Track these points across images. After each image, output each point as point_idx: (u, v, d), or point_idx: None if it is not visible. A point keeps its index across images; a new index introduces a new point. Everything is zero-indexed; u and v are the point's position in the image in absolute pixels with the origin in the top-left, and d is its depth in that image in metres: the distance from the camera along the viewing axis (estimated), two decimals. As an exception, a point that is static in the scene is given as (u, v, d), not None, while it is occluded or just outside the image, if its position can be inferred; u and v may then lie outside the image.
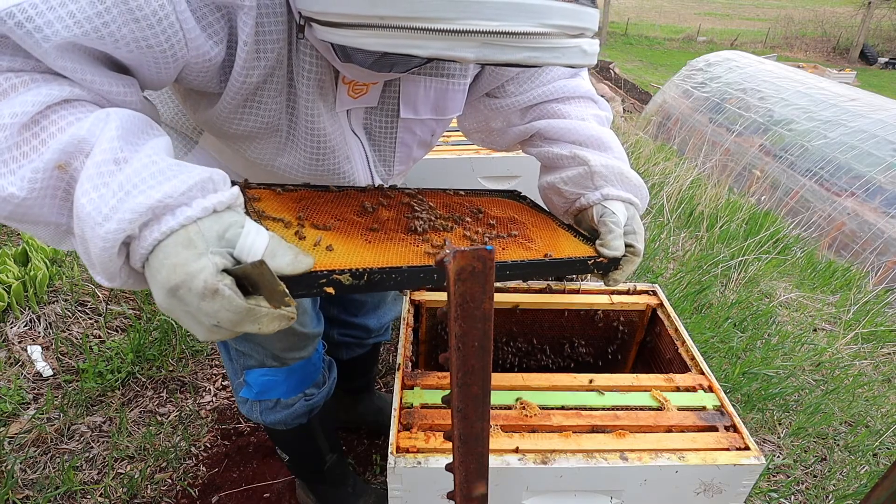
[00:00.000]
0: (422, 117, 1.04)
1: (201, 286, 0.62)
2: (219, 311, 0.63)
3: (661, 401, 1.10)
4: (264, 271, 0.65)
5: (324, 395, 1.46)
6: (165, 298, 0.64)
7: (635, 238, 1.00)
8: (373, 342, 1.71)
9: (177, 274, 0.62)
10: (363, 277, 0.74)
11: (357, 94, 0.96)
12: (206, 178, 0.67)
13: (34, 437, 1.81)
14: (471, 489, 0.77)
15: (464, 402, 0.70)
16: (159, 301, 0.65)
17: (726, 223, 4.05)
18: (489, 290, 0.63)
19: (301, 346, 1.34)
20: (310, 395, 1.43)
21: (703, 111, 9.41)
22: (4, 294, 2.12)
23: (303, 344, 1.34)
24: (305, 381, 1.41)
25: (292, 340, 1.31)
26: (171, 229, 0.63)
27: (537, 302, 1.40)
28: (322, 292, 0.73)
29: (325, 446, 1.59)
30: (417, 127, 1.06)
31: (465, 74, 1.02)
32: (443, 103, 1.03)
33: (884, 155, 6.68)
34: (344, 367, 1.77)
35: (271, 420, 1.41)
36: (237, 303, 0.64)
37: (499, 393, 1.10)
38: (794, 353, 2.68)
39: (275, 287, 0.66)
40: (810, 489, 1.98)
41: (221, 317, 0.64)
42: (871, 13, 24.47)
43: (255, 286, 0.66)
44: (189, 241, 0.63)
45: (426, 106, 1.02)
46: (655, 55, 24.49)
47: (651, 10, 35.61)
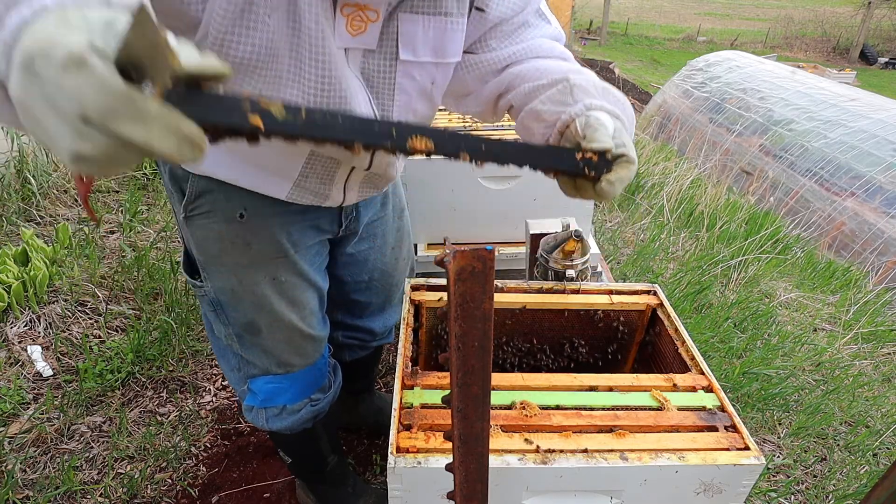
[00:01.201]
0: (421, 59, 0.99)
1: (63, 54, 0.46)
2: (84, 88, 0.46)
3: (661, 401, 1.10)
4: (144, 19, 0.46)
5: (329, 399, 1.46)
6: (20, 81, 0.48)
7: (625, 148, 0.87)
8: (377, 344, 1.70)
9: (36, 43, 0.47)
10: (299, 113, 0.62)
11: (356, 32, 0.91)
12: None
13: (34, 437, 1.81)
14: (471, 489, 0.77)
15: (464, 402, 0.70)
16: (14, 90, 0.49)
17: (726, 223, 4.05)
18: (489, 290, 0.63)
19: (308, 351, 1.34)
20: (315, 401, 1.43)
21: (703, 111, 9.41)
22: (4, 294, 2.12)
23: (310, 348, 1.34)
24: (311, 387, 1.40)
25: (298, 343, 1.31)
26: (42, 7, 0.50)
27: (537, 302, 1.40)
28: (246, 124, 0.58)
29: (327, 448, 1.59)
30: (416, 71, 1.01)
31: (462, 13, 0.98)
32: (441, 44, 0.99)
33: (884, 155, 6.68)
34: (346, 368, 1.76)
35: (277, 427, 1.41)
36: (110, 80, 0.47)
37: (499, 393, 1.10)
38: (794, 353, 2.68)
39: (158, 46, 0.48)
40: (810, 489, 1.97)
41: (88, 100, 0.47)
42: (871, 13, 24.46)
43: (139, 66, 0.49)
44: (65, 20, 0.49)
45: (425, 47, 0.98)
46: (655, 55, 24.49)
47: (651, 10, 35.60)
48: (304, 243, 1.24)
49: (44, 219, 2.76)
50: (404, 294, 1.37)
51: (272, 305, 1.24)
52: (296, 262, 1.23)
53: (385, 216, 1.45)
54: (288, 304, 1.26)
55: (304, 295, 1.29)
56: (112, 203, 3.04)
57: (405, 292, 1.38)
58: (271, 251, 1.18)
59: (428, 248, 2.17)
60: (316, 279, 1.32)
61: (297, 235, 1.21)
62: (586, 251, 1.47)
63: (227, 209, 1.12)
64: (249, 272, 1.20)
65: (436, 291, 1.40)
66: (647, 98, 14.14)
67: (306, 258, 1.26)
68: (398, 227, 1.52)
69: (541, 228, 1.60)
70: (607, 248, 3.35)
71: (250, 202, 1.13)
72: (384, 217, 1.45)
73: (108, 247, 2.67)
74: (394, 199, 1.48)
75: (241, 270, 1.20)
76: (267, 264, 1.20)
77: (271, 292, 1.23)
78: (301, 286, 1.27)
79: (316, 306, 1.34)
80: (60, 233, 2.49)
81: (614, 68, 19.24)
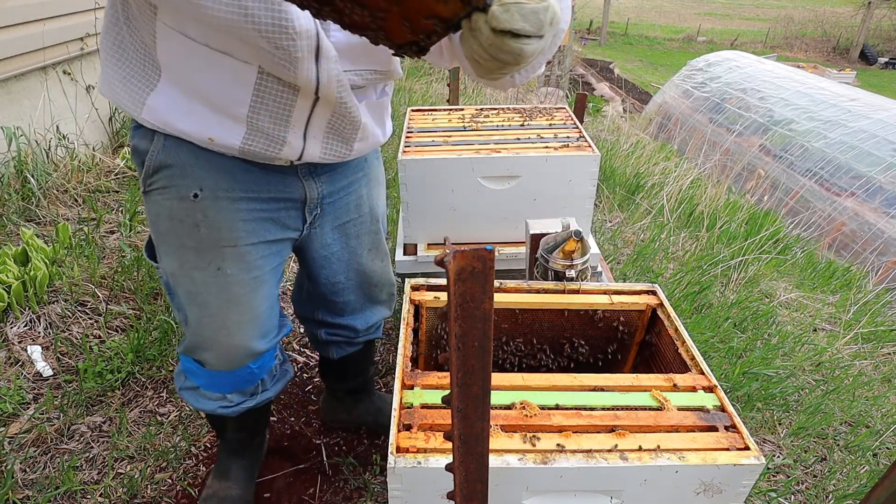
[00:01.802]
0: None
1: None
2: None
3: (661, 401, 1.10)
4: None
5: (250, 405, 1.41)
6: None
7: None
8: (363, 340, 1.66)
9: None
10: None
11: None
12: None
13: (34, 437, 1.81)
14: (471, 489, 0.77)
15: (464, 402, 0.70)
16: None
17: (726, 223, 4.05)
18: (489, 290, 0.63)
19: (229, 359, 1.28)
20: (230, 403, 1.38)
21: (703, 111, 9.41)
22: (4, 294, 2.12)
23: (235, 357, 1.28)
24: (227, 387, 1.35)
25: (223, 347, 1.26)
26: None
27: (537, 302, 1.40)
28: None
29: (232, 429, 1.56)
30: None
31: None
32: None
33: (884, 155, 6.68)
34: (336, 366, 1.76)
35: (188, 400, 1.39)
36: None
37: (499, 393, 1.10)
38: (794, 353, 2.68)
39: None
40: (810, 489, 1.98)
41: None
42: (871, 13, 24.47)
43: None
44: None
45: None
46: (655, 55, 24.49)
47: (651, 10, 35.60)
48: (261, 236, 1.19)
49: (44, 219, 2.76)
50: (404, 294, 1.37)
51: (209, 297, 1.19)
52: (245, 255, 1.18)
53: (359, 218, 1.41)
54: (228, 300, 1.20)
55: (250, 296, 1.22)
56: (112, 203, 3.04)
57: (405, 292, 1.38)
58: (220, 237, 1.14)
59: (428, 248, 2.17)
60: (268, 280, 1.25)
61: (253, 226, 1.17)
62: (586, 251, 1.47)
63: (182, 186, 1.10)
64: (191, 256, 1.15)
65: (436, 291, 1.40)
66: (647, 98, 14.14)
67: (260, 254, 1.21)
68: (375, 230, 1.47)
69: (541, 228, 1.60)
70: (607, 248, 3.35)
71: (207, 181, 1.10)
72: (358, 219, 1.41)
73: (108, 247, 2.67)
74: (370, 201, 1.43)
75: (184, 253, 1.16)
76: (213, 251, 1.15)
77: (212, 283, 1.18)
78: (248, 284, 1.21)
79: (261, 311, 1.27)
80: (60, 233, 2.49)
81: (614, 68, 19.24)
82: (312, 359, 2.31)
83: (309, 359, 2.32)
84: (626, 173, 4.60)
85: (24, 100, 3.07)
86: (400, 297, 1.72)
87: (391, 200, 3.57)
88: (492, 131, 2.26)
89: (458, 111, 2.50)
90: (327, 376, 1.87)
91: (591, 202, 2.10)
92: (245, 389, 1.39)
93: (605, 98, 13.31)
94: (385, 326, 2.44)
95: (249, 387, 1.39)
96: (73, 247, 2.52)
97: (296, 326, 2.45)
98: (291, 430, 2.00)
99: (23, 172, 2.82)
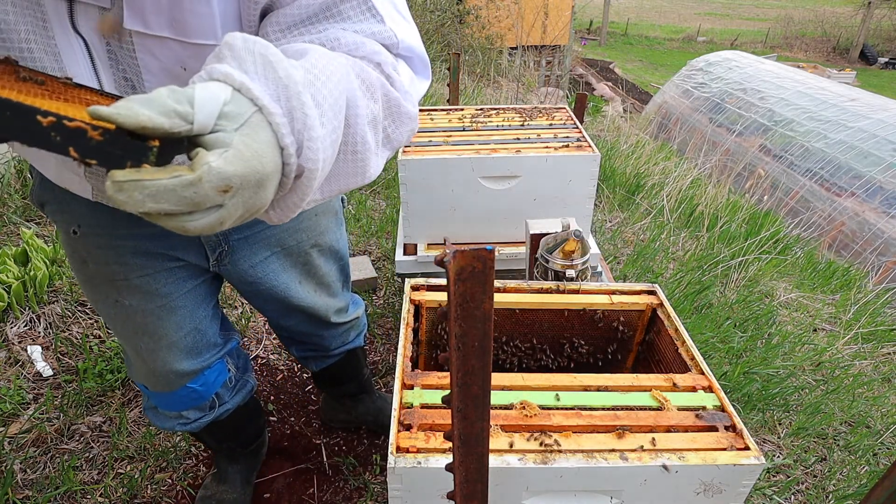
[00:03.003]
0: (155, 33, 0.76)
1: None
2: None
3: (660, 401, 1.10)
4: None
5: (210, 418, 1.39)
6: None
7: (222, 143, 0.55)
8: (339, 352, 1.61)
9: None
10: None
11: None
12: None
13: (34, 437, 1.81)
14: (471, 489, 0.77)
15: (464, 402, 0.70)
16: None
17: (726, 223, 4.05)
18: (489, 290, 0.63)
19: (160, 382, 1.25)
20: (186, 420, 1.36)
21: (704, 111, 9.41)
22: (4, 294, 2.12)
23: (163, 380, 1.25)
24: (177, 405, 1.33)
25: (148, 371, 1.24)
26: None
27: (537, 302, 1.40)
28: None
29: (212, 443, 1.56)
30: (157, 48, 0.78)
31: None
32: (180, 16, 0.75)
33: (884, 155, 6.69)
34: (321, 376, 1.75)
35: (152, 420, 1.38)
36: None
37: (499, 393, 1.10)
38: (794, 353, 2.68)
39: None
40: (810, 489, 1.98)
41: None
42: (871, 13, 24.47)
43: None
44: None
45: (159, 17, 0.75)
46: (655, 55, 24.49)
47: (651, 10, 35.61)
48: (156, 268, 1.11)
49: (44, 219, 2.76)
50: (404, 294, 1.37)
51: (116, 327, 1.18)
52: (142, 287, 1.11)
53: (283, 251, 1.27)
54: (134, 330, 1.16)
55: (158, 324, 1.17)
56: (112, 203, 3.04)
57: (405, 292, 1.38)
58: (108, 272, 1.09)
59: (428, 248, 2.17)
60: (182, 305, 1.18)
61: (144, 260, 1.09)
62: (586, 251, 1.47)
63: (62, 222, 1.05)
64: (88, 289, 1.13)
65: (436, 291, 1.40)
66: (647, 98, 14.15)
67: (162, 282, 1.13)
68: (304, 261, 1.33)
69: (541, 228, 1.60)
70: (607, 248, 3.35)
71: (85, 217, 1.03)
72: (282, 252, 1.27)
73: (108, 247, 2.67)
74: (298, 234, 1.27)
75: (84, 286, 1.14)
76: (105, 285, 1.11)
77: (114, 314, 1.15)
78: (153, 313, 1.15)
79: (179, 337, 1.20)
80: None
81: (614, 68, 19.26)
82: (312, 359, 2.31)
83: (309, 359, 2.32)
84: (626, 173, 4.60)
85: (24, 100, 3.07)
86: (400, 297, 1.71)
87: (391, 201, 3.56)
88: (492, 131, 2.26)
89: (458, 111, 2.50)
90: (320, 384, 1.88)
91: (591, 202, 2.10)
92: (199, 405, 1.35)
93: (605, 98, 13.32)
94: (385, 326, 2.44)
95: (202, 402, 1.35)
96: (73, 247, 2.53)
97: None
98: (291, 430, 2.00)
99: (23, 172, 2.82)
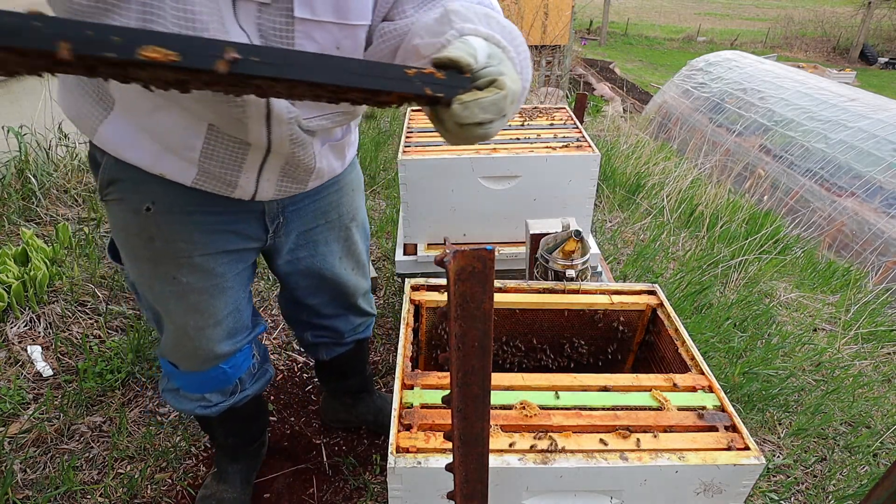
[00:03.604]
0: (320, 18, 0.90)
1: None
2: None
3: (661, 401, 1.10)
4: None
5: (230, 403, 1.42)
6: None
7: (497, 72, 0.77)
8: (351, 340, 1.66)
9: None
10: None
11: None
12: None
13: (34, 437, 1.81)
14: (471, 489, 0.77)
15: (464, 402, 0.70)
16: None
17: (726, 223, 4.05)
18: (489, 290, 0.63)
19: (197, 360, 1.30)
20: (209, 403, 1.39)
21: (704, 111, 9.41)
22: (4, 294, 2.12)
23: (200, 358, 1.29)
24: (203, 387, 1.37)
25: (188, 349, 1.28)
26: None
27: (537, 302, 1.40)
28: None
29: (220, 435, 1.59)
30: (317, 32, 0.91)
31: None
32: (343, 2, 0.91)
33: (884, 155, 6.68)
34: (328, 367, 1.76)
35: (171, 403, 1.42)
36: None
37: (499, 393, 1.10)
38: (794, 353, 2.68)
39: None
40: (810, 489, 1.98)
41: None
42: (871, 13, 24.46)
43: None
44: None
45: (325, 4, 0.89)
46: (655, 55, 24.48)
47: (651, 10, 35.60)
48: (219, 247, 1.18)
49: (44, 219, 2.76)
50: (404, 294, 1.37)
51: (168, 305, 1.21)
52: (202, 265, 1.17)
53: (327, 224, 1.37)
54: (186, 308, 1.21)
55: (210, 302, 1.22)
56: (112, 203, 3.04)
57: (405, 292, 1.38)
58: (174, 250, 1.14)
59: (428, 248, 2.17)
60: (231, 286, 1.24)
61: (208, 238, 1.15)
62: (586, 251, 1.47)
63: (135, 200, 1.09)
64: (148, 267, 1.16)
65: (436, 291, 1.40)
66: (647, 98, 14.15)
67: (219, 262, 1.19)
68: (346, 236, 1.43)
69: (541, 228, 1.61)
70: (607, 248, 3.35)
71: (159, 195, 1.08)
72: (326, 225, 1.36)
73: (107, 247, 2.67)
74: (340, 208, 1.38)
75: (142, 264, 1.17)
76: (168, 262, 1.15)
77: (170, 292, 1.19)
78: (207, 291, 1.21)
79: (224, 316, 1.26)
80: (60, 233, 2.49)
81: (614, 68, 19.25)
82: (312, 359, 2.31)
83: (309, 359, 2.31)
84: (626, 173, 4.60)
85: (24, 100, 3.07)
86: (400, 297, 1.72)
87: (391, 201, 3.56)
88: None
89: (458, 111, 2.50)
90: (323, 377, 1.88)
91: (591, 202, 2.10)
92: (223, 389, 1.39)
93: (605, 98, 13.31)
94: (385, 326, 2.44)
95: (227, 386, 1.39)
96: (73, 247, 2.52)
97: (296, 326, 2.45)
98: (291, 430, 2.00)
99: (24, 172, 2.82)
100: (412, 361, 1.21)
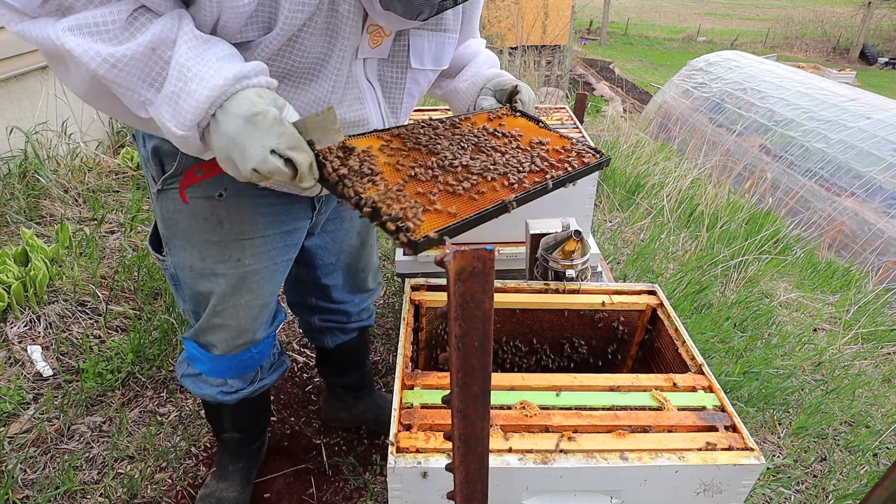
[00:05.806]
0: (425, 68, 1.20)
1: (273, 116, 0.86)
2: (283, 134, 0.86)
3: (661, 401, 1.10)
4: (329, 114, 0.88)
5: (247, 392, 1.48)
6: (241, 125, 0.84)
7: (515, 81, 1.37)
8: (356, 326, 1.72)
9: (256, 107, 0.84)
10: None
11: (374, 45, 1.09)
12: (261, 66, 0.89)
13: (34, 437, 1.81)
14: (471, 489, 0.77)
15: (464, 402, 0.70)
16: (231, 128, 0.85)
17: (726, 223, 4.05)
18: (489, 290, 0.63)
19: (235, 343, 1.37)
20: (231, 389, 1.45)
21: (704, 111, 9.41)
22: (4, 294, 2.12)
23: (239, 341, 1.37)
24: (229, 372, 1.43)
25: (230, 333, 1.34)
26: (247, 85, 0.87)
27: (537, 302, 1.40)
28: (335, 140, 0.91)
29: (228, 424, 1.63)
30: (421, 77, 1.22)
31: (456, 28, 1.22)
32: (440, 55, 1.22)
33: (884, 155, 6.69)
34: (332, 356, 1.80)
35: (189, 388, 1.47)
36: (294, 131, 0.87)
37: (499, 393, 1.10)
38: (794, 353, 2.68)
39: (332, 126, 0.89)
40: (810, 489, 1.98)
41: (283, 140, 0.86)
42: (871, 13, 24.47)
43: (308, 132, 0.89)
44: (259, 94, 0.87)
45: (429, 57, 1.20)
46: (655, 55, 24.49)
47: (651, 10, 35.60)
48: (276, 227, 1.28)
49: (44, 219, 2.76)
50: (404, 294, 1.37)
51: (225, 288, 1.28)
52: (262, 246, 1.27)
53: None
54: (243, 288, 1.30)
55: (263, 283, 1.32)
56: (112, 203, 3.04)
57: (405, 292, 1.38)
58: (241, 231, 1.23)
59: (428, 248, 2.16)
60: (280, 271, 1.35)
61: (270, 218, 1.26)
62: (586, 251, 1.47)
63: (209, 187, 1.17)
64: (214, 250, 1.23)
65: (436, 291, 1.40)
66: (647, 98, 14.14)
67: (276, 245, 1.30)
68: None
69: (541, 228, 1.60)
70: (607, 248, 3.35)
71: (231, 183, 1.17)
72: None
73: (108, 247, 2.67)
74: None
75: (208, 247, 1.23)
76: (234, 244, 1.24)
77: (232, 272, 1.26)
78: (261, 273, 1.30)
79: (270, 299, 1.36)
80: (60, 233, 2.49)
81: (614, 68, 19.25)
82: (312, 359, 2.31)
83: (309, 359, 2.32)
84: (626, 173, 4.60)
85: (25, 100, 3.07)
86: (400, 297, 1.72)
87: (391, 200, 3.56)
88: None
89: (458, 111, 2.50)
90: (325, 370, 1.88)
91: (591, 202, 2.09)
92: (245, 375, 1.46)
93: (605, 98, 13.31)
94: (385, 326, 2.44)
95: (250, 373, 1.46)
96: (73, 247, 2.52)
97: (295, 327, 2.45)
98: (291, 430, 2.00)
99: (24, 172, 2.82)
100: (412, 361, 1.21)
